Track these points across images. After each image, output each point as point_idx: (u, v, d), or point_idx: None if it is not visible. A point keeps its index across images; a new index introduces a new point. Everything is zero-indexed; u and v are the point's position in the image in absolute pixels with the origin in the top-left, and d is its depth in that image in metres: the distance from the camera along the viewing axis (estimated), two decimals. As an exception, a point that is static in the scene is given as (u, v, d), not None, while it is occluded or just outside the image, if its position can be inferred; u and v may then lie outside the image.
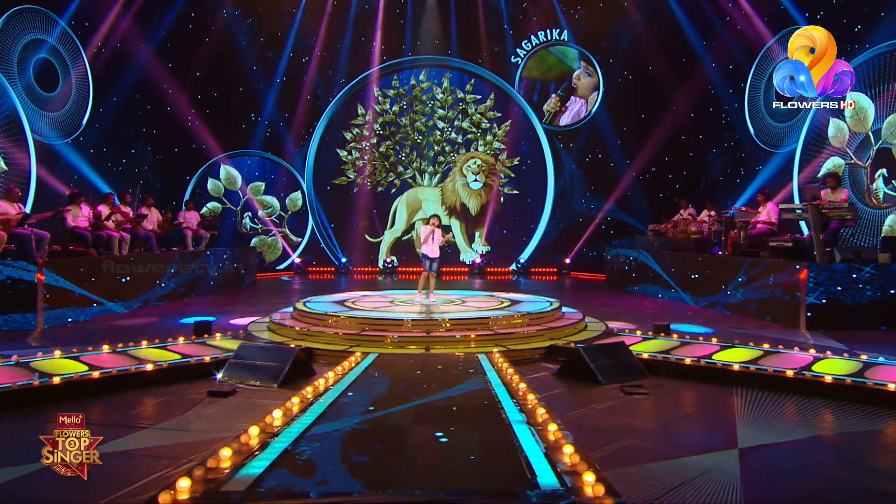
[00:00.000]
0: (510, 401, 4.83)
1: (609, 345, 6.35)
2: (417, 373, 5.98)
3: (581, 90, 17.94)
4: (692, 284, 11.64)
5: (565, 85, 17.99)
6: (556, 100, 17.98)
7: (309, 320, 7.95)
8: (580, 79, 17.88)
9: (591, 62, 17.79)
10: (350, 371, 5.93)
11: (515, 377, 5.55)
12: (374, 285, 15.04)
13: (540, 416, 4.32)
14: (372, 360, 6.42)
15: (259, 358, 5.96)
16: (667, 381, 6.02)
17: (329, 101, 18.01)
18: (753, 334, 8.22)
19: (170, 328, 8.70)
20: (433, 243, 9.16)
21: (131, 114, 14.94)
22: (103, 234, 10.82)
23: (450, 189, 18.10)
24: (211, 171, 17.44)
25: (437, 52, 18.07)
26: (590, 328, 8.20)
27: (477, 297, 10.24)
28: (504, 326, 7.65)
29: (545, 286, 15.17)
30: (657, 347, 6.87)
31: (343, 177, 18.27)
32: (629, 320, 9.46)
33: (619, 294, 13.40)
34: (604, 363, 5.98)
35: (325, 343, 7.20)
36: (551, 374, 6.29)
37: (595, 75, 17.79)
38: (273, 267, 17.99)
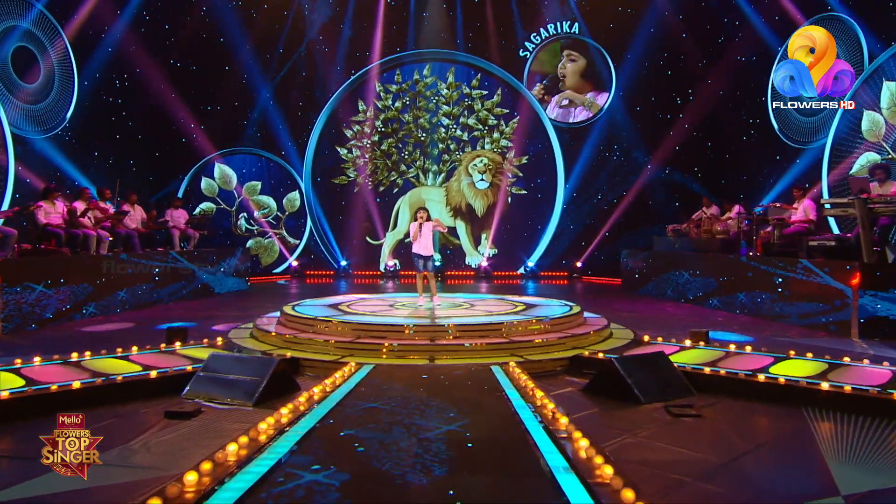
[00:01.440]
0: (543, 433, 3.81)
1: (647, 356, 5.34)
2: (420, 390, 4.99)
3: (570, 78, 16.86)
4: (720, 288, 10.63)
5: (551, 76, 16.98)
6: (541, 88, 16.99)
7: (297, 326, 6.97)
8: (565, 67, 16.87)
9: (578, 44, 16.72)
10: (338, 388, 4.94)
11: (545, 399, 4.54)
12: (375, 289, 14.12)
13: (586, 454, 3.29)
14: (366, 372, 5.43)
15: (233, 371, 4.97)
16: (717, 398, 5.02)
17: (328, 96, 17.10)
18: (804, 343, 7.19)
19: (145, 334, 7.73)
20: (422, 238, 8.14)
21: (118, 107, 14.00)
22: (78, 233, 9.87)
23: (455, 189, 17.21)
24: (205, 170, 16.52)
25: (442, 45, 17.16)
26: (616, 336, 7.20)
27: (486, 300, 9.24)
28: (520, 333, 6.65)
29: (557, 290, 14.19)
30: (700, 358, 5.86)
31: (343, 176, 17.40)
32: (656, 327, 8.45)
33: (637, 298, 12.39)
34: (642, 377, 4.98)
35: (315, 352, 6.22)
36: (578, 389, 5.30)
37: (581, 58, 16.77)
38: (269, 270, 17.13)
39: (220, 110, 16.26)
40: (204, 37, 15.55)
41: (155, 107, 14.72)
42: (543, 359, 6.05)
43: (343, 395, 4.71)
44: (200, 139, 15.94)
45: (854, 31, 11.83)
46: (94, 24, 12.73)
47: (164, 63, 14.79)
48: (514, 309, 7.96)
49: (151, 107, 14.70)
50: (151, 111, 14.78)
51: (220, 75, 16.10)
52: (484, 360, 5.99)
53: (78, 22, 12.37)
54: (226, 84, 16.23)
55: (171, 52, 15.06)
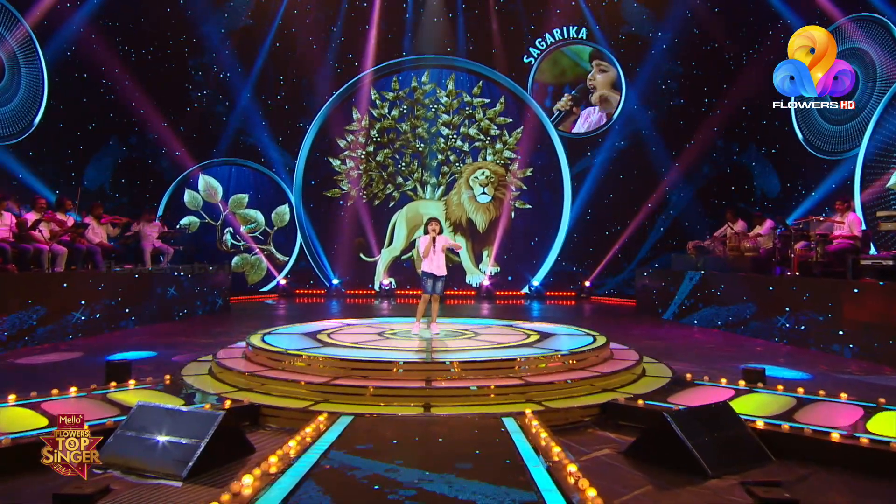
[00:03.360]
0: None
1: (708, 409, 4.08)
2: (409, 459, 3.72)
3: (601, 88, 15.90)
4: (755, 312, 9.38)
5: (580, 87, 16.02)
6: (569, 100, 16.01)
7: (264, 360, 5.71)
8: (595, 78, 15.94)
9: (604, 56, 15.76)
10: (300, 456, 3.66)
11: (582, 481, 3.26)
12: (369, 311, 12.91)
13: None
14: (342, 429, 4.17)
15: (162, 428, 3.72)
16: (805, 468, 3.77)
17: (320, 103, 16.02)
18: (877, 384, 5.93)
19: (89, 368, 6.48)
20: (435, 255, 6.91)
21: (91, 114, 12.85)
22: (28, 247, 8.64)
23: (455, 203, 16.12)
24: (188, 182, 15.40)
25: (442, 50, 16.16)
26: (651, 373, 5.94)
27: (491, 327, 7.97)
28: (537, 372, 5.40)
29: (565, 313, 12.98)
30: (765, 408, 4.61)
31: (336, 188, 16.32)
32: (689, 359, 7.21)
33: (658, 323, 11.13)
34: (705, 439, 3.74)
35: (282, 395, 4.95)
36: (616, 451, 4.05)
37: (612, 68, 15.79)
38: (257, 289, 15.97)
39: (205, 119, 15.16)
40: (174, 25, 14.43)
41: (136, 116, 13.63)
42: (568, 406, 4.78)
43: (303, 474, 3.43)
44: (184, 149, 14.79)
45: (891, 32, 10.76)
46: (54, 17, 11.60)
47: (149, 77, 13.74)
48: (525, 339, 6.70)
49: (132, 117, 13.62)
50: (131, 122, 13.69)
51: (188, 76, 14.98)
52: (493, 407, 4.73)
53: (37, 16, 11.27)
54: (211, 90, 15.14)
55: (135, 47, 13.88)
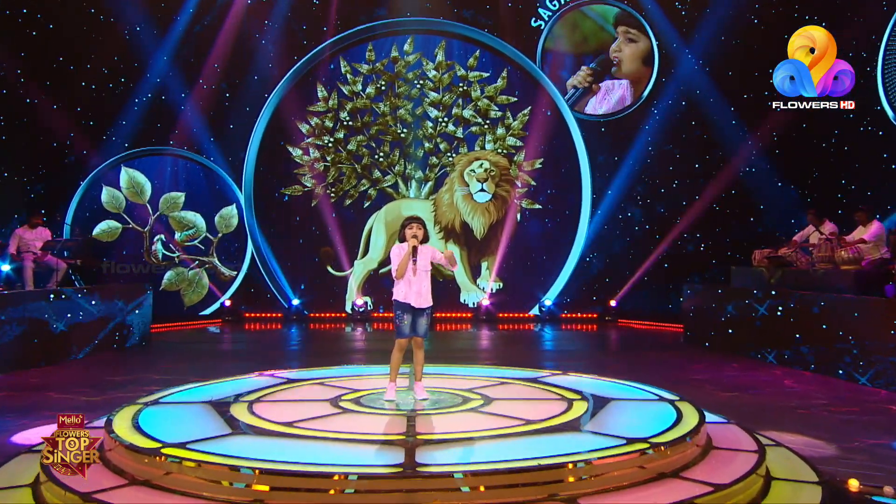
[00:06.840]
0: None
1: None
2: None
3: (627, 63, 14.72)
4: (865, 348, 7.46)
5: (602, 58, 14.85)
6: (588, 74, 14.79)
7: (127, 463, 3.60)
8: (621, 49, 14.79)
9: (637, 22, 14.47)
10: None
11: None
12: (336, 342, 10.95)
13: None
14: None
15: None
16: None
17: (275, 79, 14.62)
18: None
19: None
20: (416, 276, 4.82)
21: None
22: None
23: (446, 202, 14.72)
24: (105, 177, 13.75)
25: (429, 11, 14.91)
26: (777, 471, 3.89)
27: (507, 381, 5.87)
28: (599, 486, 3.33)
29: (587, 342, 11.51)
30: None
31: (297, 185, 14.94)
32: (805, 429, 5.34)
33: (719, 358, 9.21)
34: None
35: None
36: None
37: (643, 38, 14.59)
38: (196, 313, 14.40)
39: (118, 96, 13.45)
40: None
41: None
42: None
43: None
44: (92, 137, 13.05)
45: None
46: None
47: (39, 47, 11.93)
48: (566, 410, 4.62)
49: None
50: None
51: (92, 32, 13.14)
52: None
53: None
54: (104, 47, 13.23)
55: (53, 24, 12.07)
